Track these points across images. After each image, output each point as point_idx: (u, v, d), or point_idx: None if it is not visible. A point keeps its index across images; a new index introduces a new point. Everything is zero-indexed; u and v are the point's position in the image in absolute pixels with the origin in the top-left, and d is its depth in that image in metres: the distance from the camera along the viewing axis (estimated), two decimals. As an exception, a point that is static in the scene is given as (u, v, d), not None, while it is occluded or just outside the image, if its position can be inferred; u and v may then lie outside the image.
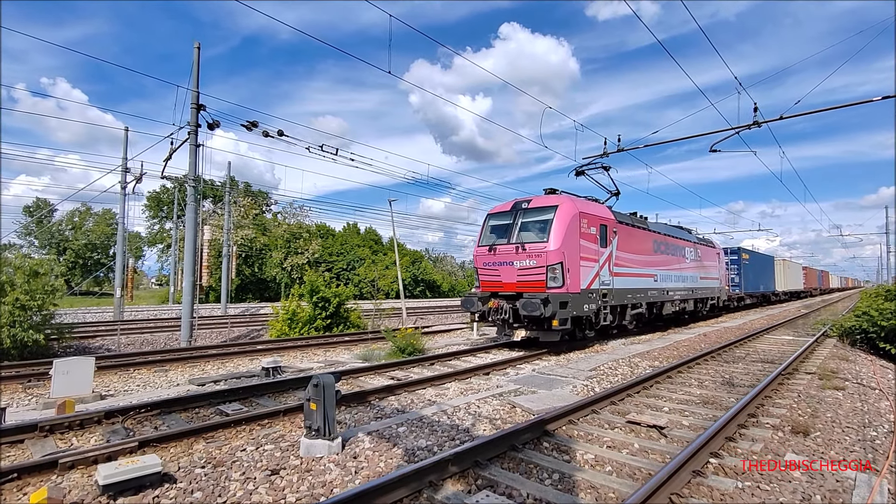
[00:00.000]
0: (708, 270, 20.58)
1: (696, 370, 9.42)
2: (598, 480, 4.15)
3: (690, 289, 18.35)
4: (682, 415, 6.28)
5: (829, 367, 9.66)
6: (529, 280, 10.81)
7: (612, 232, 12.61)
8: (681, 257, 17.61)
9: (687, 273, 18.09)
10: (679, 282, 17.31)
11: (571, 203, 11.41)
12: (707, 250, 20.81)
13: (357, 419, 5.98)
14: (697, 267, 19.26)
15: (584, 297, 11.18)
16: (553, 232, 10.72)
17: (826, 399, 7.14)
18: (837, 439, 5.37)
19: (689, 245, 18.74)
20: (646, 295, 14.53)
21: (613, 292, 12.49)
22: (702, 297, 19.83)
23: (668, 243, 16.56)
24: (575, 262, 10.92)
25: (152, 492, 3.90)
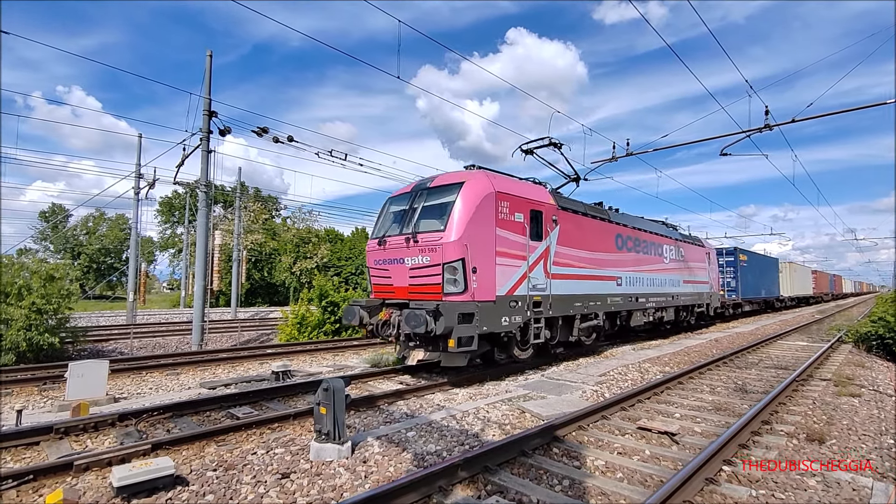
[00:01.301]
0: (694, 273, 17.68)
1: (707, 376, 9.31)
2: (609, 487, 4.12)
3: (670, 294, 15.41)
4: (693, 421, 6.21)
5: (845, 373, 9.50)
6: (423, 283, 8.07)
7: (551, 221, 9.73)
8: (656, 257, 14.64)
9: (665, 276, 15.13)
10: (654, 286, 14.28)
11: (484, 180, 8.54)
12: (693, 249, 17.97)
13: (366, 423, 5.99)
14: (680, 269, 16.40)
15: (503, 307, 8.32)
16: (452, 218, 7.87)
17: (842, 406, 7.02)
18: (854, 447, 5.27)
19: (669, 242, 15.82)
20: (604, 302, 11.48)
21: (552, 300, 9.59)
22: (686, 305, 16.92)
23: (639, 239, 13.62)
24: (487, 258, 8.08)
25: (165, 494, 3.95)
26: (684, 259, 16.87)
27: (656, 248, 14.74)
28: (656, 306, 14.38)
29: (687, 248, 17.29)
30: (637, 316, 13.32)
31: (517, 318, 8.66)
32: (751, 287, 26.81)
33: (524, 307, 8.84)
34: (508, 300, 8.52)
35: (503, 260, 8.45)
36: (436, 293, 7.83)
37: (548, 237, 9.65)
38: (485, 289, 8.01)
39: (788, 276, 36.72)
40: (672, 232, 16.64)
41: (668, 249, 15.60)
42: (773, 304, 33.62)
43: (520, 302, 8.75)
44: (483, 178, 8.64)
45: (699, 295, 18.11)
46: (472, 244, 7.82)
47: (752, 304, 27.95)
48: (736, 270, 25.21)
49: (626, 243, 12.86)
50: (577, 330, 10.67)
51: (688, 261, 17.20)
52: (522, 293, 8.81)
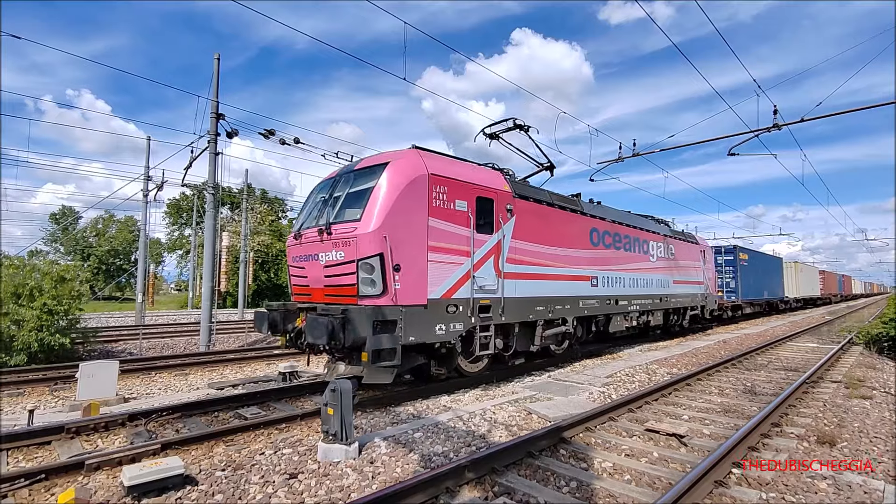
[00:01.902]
0: (686, 272, 16.16)
1: (716, 378, 9.24)
2: (617, 489, 4.10)
3: (658, 296, 13.94)
4: (702, 423, 6.16)
5: (856, 375, 9.39)
6: (338, 284, 6.83)
7: (505, 210, 8.36)
8: (641, 254, 13.13)
9: (652, 276, 13.64)
10: (638, 287, 12.84)
11: (414, 160, 7.21)
12: (685, 247, 16.44)
13: (373, 424, 6.01)
14: (669, 268, 14.88)
15: (437, 313, 6.99)
16: (370, 205, 6.64)
17: (853, 408, 6.94)
18: (865, 449, 5.21)
19: (656, 239, 14.26)
20: (575, 306, 10.09)
21: (505, 303, 8.19)
22: (676, 307, 15.48)
23: (620, 235, 12.11)
24: (415, 254, 6.78)
25: (175, 493, 3.98)
26: (674, 257, 15.37)
27: (641, 244, 13.26)
28: (641, 309, 12.94)
29: (678, 246, 15.86)
30: (617, 321, 11.88)
31: (457, 326, 7.29)
32: (752, 288, 25.31)
33: (467, 312, 7.45)
34: (445, 304, 7.12)
35: (438, 256, 7.06)
36: (351, 295, 6.60)
37: (500, 230, 8.20)
38: (412, 290, 6.68)
39: (794, 276, 35.28)
40: (660, 227, 15.13)
41: (654, 246, 14.10)
42: (777, 305, 31.88)
43: (461, 306, 7.35)
44: (414, 157, 7.24)
45: (692, 296, 16.65)
46: (394, 237, 6.50)
47: (753, 305, 26.29)
48: (736, 270, 23.70)
49: (604, 239, 11.39)
50: (541, 338, 9.23)
51: (678, 259, 15.69)
52: (464, 295, 7.43)
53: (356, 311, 6.24)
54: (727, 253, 24.18)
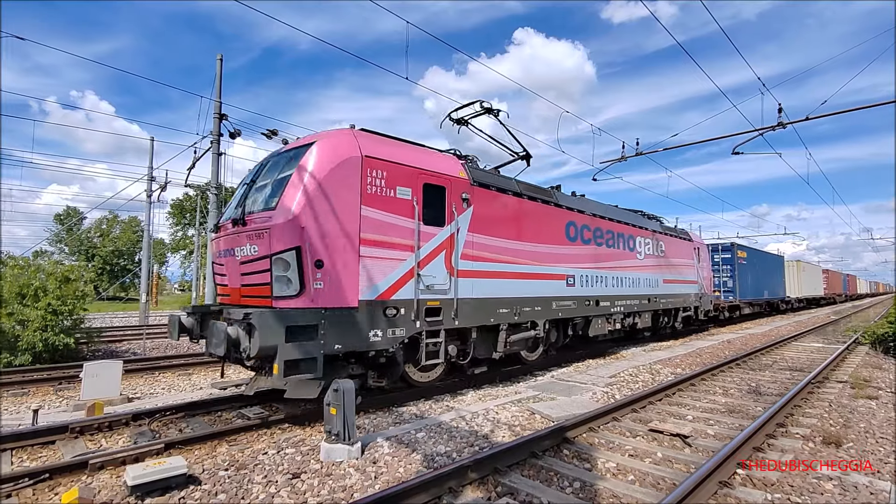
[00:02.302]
0: (678, 271, 15.22)
1: (720, 378, 9.20)
2: (621, 490, 4.08)
3: (646, 297, 12.96)
4: (706, 423, 6.13)
5: (862, 375, 9.32)
6: (253, 283, 6.04)
7: (460, 200, 7.46)
8: (627, 251, 12.19)
9: (639, 274, 12.69)
10: (623, 287, 11.87)
11: (346, 139, 6.34)
12: (677, 244, 15.49)
13: (376, 424, 6.00)
14: (659, 266, 13.89)
15: (372, 316, 6.14)
16: (288, 190, 5.84)
17: (858, 408, 6.89)
18: (871, 450, 5.17)
19: (644, 235, 13.30)
20: (547, 308, 9.17)
21: (459, 305, 7.28)
22: (667, 308, 14.47)
23: (602, 230, 11.21)
24: (343, 248, 5.90)
25: (178, 493, 3.99)
26: (665, 255, 14.41)
27: (626, 241, 12.26)
28: (626, 311, 11.94)
29: (669, 243, 14.88)
30: (598, 323, 10.84)
31: (398, 331, 6.43)
32: (751, 287, 24.31)
33: (411, 315, 6.58)
34: (383, 306, 6.27)
35: (373, 251, 6.20)
36: (265, 296, 5.77)
37: (454, 221, 7.30)
38: (338, 291, 5.81)
39: (796, 275, 34.19)
40: (649, 223, 14.09)
41: (642, 243, 13.13)
42: (778, 305, 30.66)
43: (403, 309, 6.48)
44: (345, 137, 6.37)
45: (685, 297, 15.65)
46: (315, 228, 5.67)
47: (752, 306, 25.10)
48: (733, 269, 22.66)
49: (583, 234, 10.41)
50: (505, 344, 8.26)
51: (669, 257, 14.71)
52: (407, 296, 6.57)
53: (261, 315, 5.25)
54: (724, 251, 23.18)
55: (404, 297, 6.57)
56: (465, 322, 7.46)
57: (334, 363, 6.11)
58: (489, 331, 8.19)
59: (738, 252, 23.20)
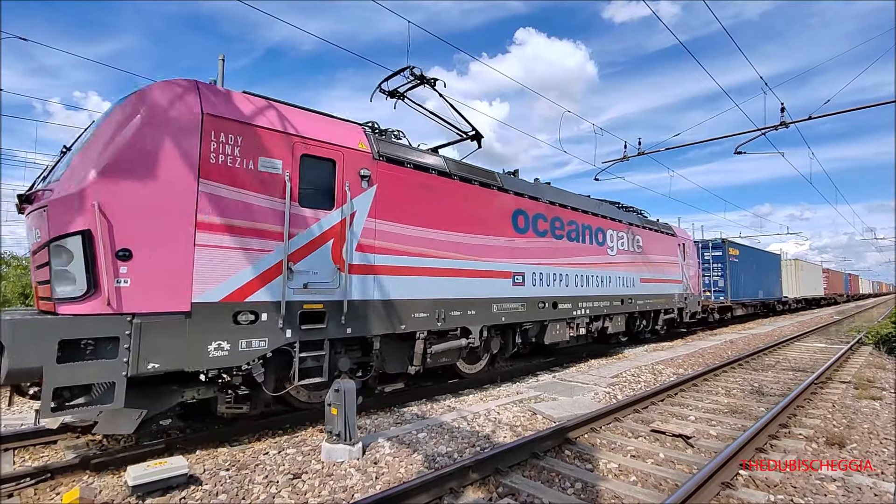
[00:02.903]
0: (659, 269, 13.72)
1: (722, 378, 9.17)
2: (623, 491, 4.06)
3: (619, 297, 11.47)
4: (709, 424, 6.11)
5: (865, 375, 9.28)
6: (40, 280, 4.68)
7: (358, 178, 6.08)
8: (594, 246, 10.68)
9: (610, 272, 11.21)
10: (589, 286, 10.42)
11: (176, 92, 4.83)
12: (658, 239, 13.99)
13: (377, 424, 5.99)
14: (636, 263, 12.42)
15: (216, 323, 4.80)
16: (82, 155, 4.48)
17: (862, 409, 6.85)
18: (875, 451, 5.14)
19: (618, 228, 11.78)
20: (486, 311, 7.67)
21: (352, 308, 5.88)
22: (645, 310, 12.93)
23: (562, 220, 9.69)
24: (168, 232, 4.56)
25: (179, 493, 3.98)
26: (643, 251, 12.89)
27: (594, 234, 10.75)
28: (593, 314, 10.48)
29: (648, 237, 13.31)
30: (556, 329, 9.35)
31: (256, 343, 5.04)
32: (744, 287, 22.90)
33: (276, 322, 5.18)
34: (232, 311, 4.90)
35: (217, 238, 4.82)
36: (47, 298, 4.40)
37: (347, 204, 5.87)
38: (156, 290, 4.44)
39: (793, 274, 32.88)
40: (624, 215, 12.55)
41: (615, 237, 11.58)
42: (774, 306, 29.10)
43: (264, 314, 5.11)
44: (177, 89, 4.84)
45: (667, 297, 14.10)
46: (116, 206, 4.27)
47: (745, 307, 23.60)
48: (725, 267, 21.18)
49: (536, 224, 8.94)
50: (423, 356, 6.84)
51: (649, 253, 13.15)
52: (271, 298, 5.17)
53: (14, 326, 3.82)
54: (715, 248, 21.73)
55: (266, 299, 5.14)
56: (361, 330, 5.98)
57: (154, 388, 4.74)
58: (403, 339, 6.80)
59: (729, 249, 21.82)
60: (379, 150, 6.45)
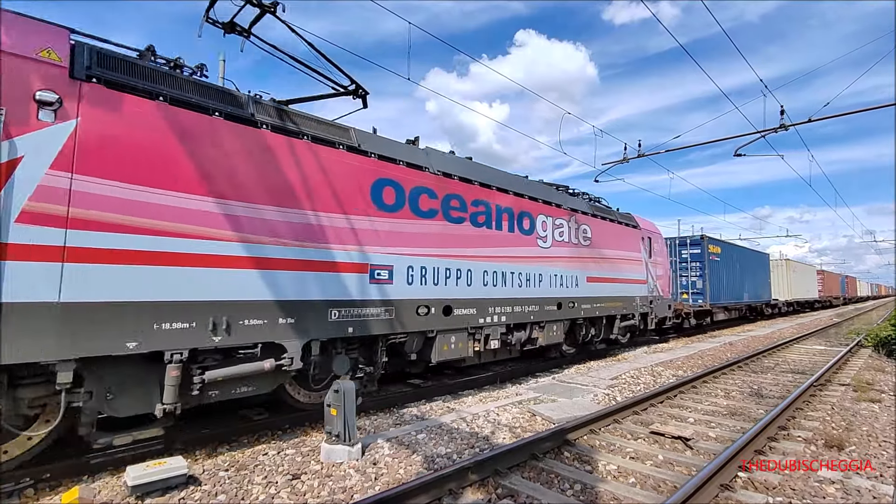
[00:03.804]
0: (614, 266, 11.53)
1: (722, 380, 9.17)
2: (622, 492, 4.07)
3: (554, 300, 9.29)
4: (708, 426, 6.11)
5: (864, 378, 9.28)
6: None
7: (33, 104, 3.84)
8: (515, 234, 8.52)
9: (541, 268, 9.06)
10: (508, 285, 8.28)
11: None
12: (613, 230, 11.77)
13: (377, 425, 6.00)
14: (581, 258, 10.29)
15: None
16: None
17: (861, 412, 6.86)
18: (874, 454, 5.14)
19: (555, 214, 9.58)
20: (316, 320, 5.55)
21: (11, 314, 3.61)
22: (594, 316, 10.71)
23: (462, 199, 7.56)
24: None
25: (178, 493, 3.98)
26: (592, 244, 10.73)
27: (515, 219, 8.55)
28: (513, 321, 8.29)
29: (599, 228, 11.09)
30: (450, 342, 7.16)
31: None
32: (727, 289, 20.85)
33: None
34: None
35: None
36: None
37: None
38: None
39: (785, 275, 30.81)
40: (563, 197, 10.24)
41: (548, 225, 9.38)
42: (762, 310, 27.09)
43: None
44: None
45: (625, 300, 11.83)
46: None
47: (728, 310, 21.65)
48: (703, 267, 18.94)
49: (417, 202, 6.79)
50: (191, 388, 4.70)
51: (599, 247, 11.02)
52: None
53: None
54: (693, 245, 19.39)
55: None
56: (35, 350, 3.74)
57: None
58: (146, 364, 4.48)
59: (709, 247, 19.53)
60: (88, 63, 4.20)
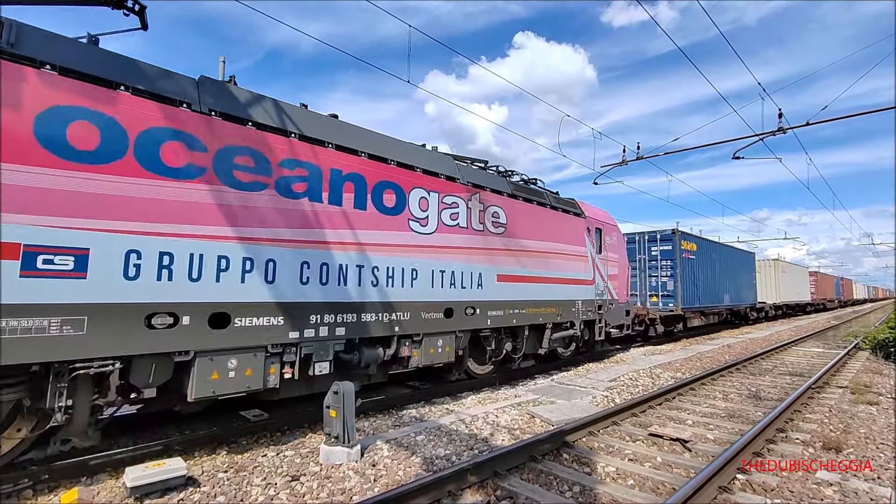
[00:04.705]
0: (542, 262, 9.14)
1: (720, 382, 9.19)
2: (620, 494, 4.08)
3: (439, 306, 7.07)
4: (706, 428, 6.13)
5: (862, 380, 9.31)
6: None
7: None
8: (368, 213, 6.29)
9: (422, 260, 6.91)
10: (345, 284, 5.95)
11: None
12: (541, 216, 9.35)
13: (376, 427, 6.00)
14: (489, 250, 8.01)
15: None
16: None
17: (859, 414, 6.88)
18: (872, 456, 5.16)
19: (441, 188, 7.36)
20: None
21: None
22: (510, 326, 8.42)
23: (262, 156, 5.33)
24: None
25: (177, 495, 3.98)
26: (506, 231, 8.33)
27: (369, 190, 6.32)
28: (361, 334, 6.10)
29: (519, 212, 8.71)
30: (226, 369, 4.85)
31: None
32: (703, 291, 18.60)
33: None
34: None
35: None
36: None
37: None
38: None
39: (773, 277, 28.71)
40: (461, 170, 7.94)
41: (430, 203, 7.10)
42: (746, 314, 24.72)
43: None
44: None
45: (561, 306, 9.54)
46: None
47: (704, 315, 19.28)
48: (675, 266, 16.57)
49: (158, 152, 4.60)
50: None
51: (518, 236, 8.62)
52: None
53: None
54: (664, 241, 16.98)
55: None
56: None
57: None
58: None
59: (683, 243, 17.09)
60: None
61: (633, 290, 16.22)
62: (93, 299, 4.11)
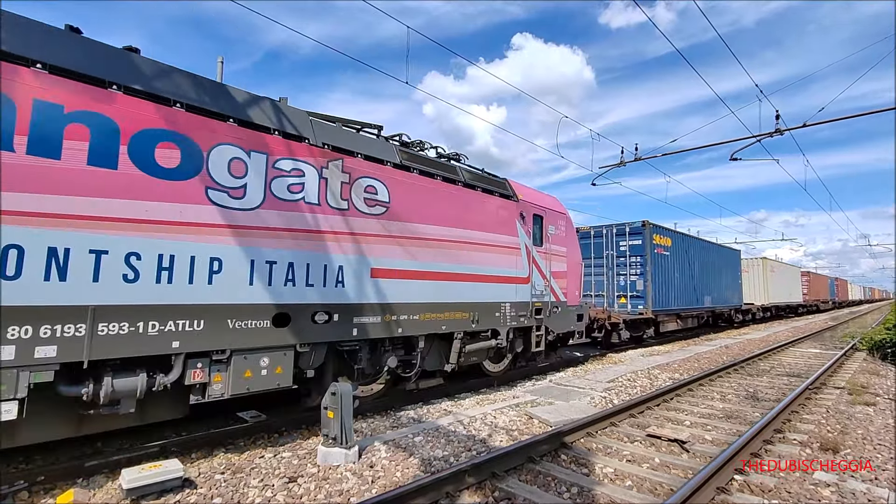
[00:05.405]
0: (448, 255, 7.23)
1: (718, 383, 9.20)
2: (618, 495, 4.07)
3: (265, 310, 5.00)
4: (704, 429, 6.13)
5: (859, 381, 9.33)
6: None
7: None
8: (130, 178, 4.18)
9: (243, 247, 4.88)
10: (84, 278, 3.87)
11: None
12: (453, 198, 7.49)
13: (374, 428, 5.98)
14: (365, 236, 6.12)
15: None
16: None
17: (856, 415, 6.90)
18: (869, 456, 5.17)
19: (287, 152, 5.37)
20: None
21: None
22: (396, 336, 6.48)
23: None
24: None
25: (174, 496, 3.96)
26: (388, 213, 6.45)
27: (127, 142, 4.23)
28: (107, 354, 3.98)
29: (413, 189, 6.83)
30: None
31: None
32: (679, 291, 16.64)
33: None
34: None
35: None
36: None
37: None
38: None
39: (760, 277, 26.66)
40: (314, 127, 5.90)
41: (255, 168, 5.08)
42: (729, 317, 22.68)
43: None
44: None
45: (477, 310, 7.68)
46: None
47: (681, 319, 17.23)
48: (644, 264, 14.77)
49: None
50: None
51: (411, 220, 6.77)
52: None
53: None
54: (634, 235, 15.05)
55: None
56: None
57: None
58: None
59: (654, 237, 15.17)
60: None
61: (599, 291, 15.41)
62: None
